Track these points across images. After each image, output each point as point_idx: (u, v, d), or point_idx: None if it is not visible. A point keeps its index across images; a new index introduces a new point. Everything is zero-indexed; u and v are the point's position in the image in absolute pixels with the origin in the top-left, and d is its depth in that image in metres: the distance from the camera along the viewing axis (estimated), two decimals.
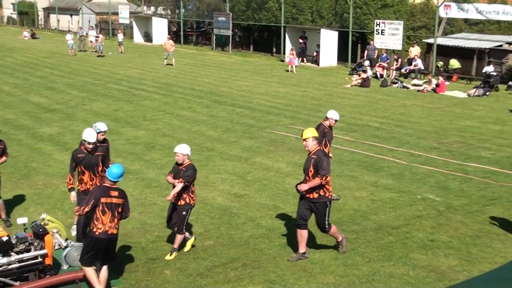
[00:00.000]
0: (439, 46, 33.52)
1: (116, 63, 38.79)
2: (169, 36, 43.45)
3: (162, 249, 10.53)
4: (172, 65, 37.15)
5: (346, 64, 37.93)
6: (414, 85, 30.35)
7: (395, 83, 30.61)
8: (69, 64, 37.88)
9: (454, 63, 32.65)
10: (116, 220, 8.81)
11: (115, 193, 8.80)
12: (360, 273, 9.71)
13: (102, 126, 11.14)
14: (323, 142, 12.93)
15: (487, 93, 27.65)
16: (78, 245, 9.63)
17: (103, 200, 8.71)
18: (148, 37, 54.59)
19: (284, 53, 40.44)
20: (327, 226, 10.13)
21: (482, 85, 28.41)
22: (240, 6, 46.80)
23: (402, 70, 33.53)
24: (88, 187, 10.34)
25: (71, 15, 70.78)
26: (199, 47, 51.20)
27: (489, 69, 30.17)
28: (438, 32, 34.88)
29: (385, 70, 33.06)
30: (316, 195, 9.93)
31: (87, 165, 10.34)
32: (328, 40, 38.04)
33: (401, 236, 11.22)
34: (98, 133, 10.76)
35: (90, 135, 10.32)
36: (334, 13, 41.48)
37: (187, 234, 10.43)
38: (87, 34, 48.23)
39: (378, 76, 32.53)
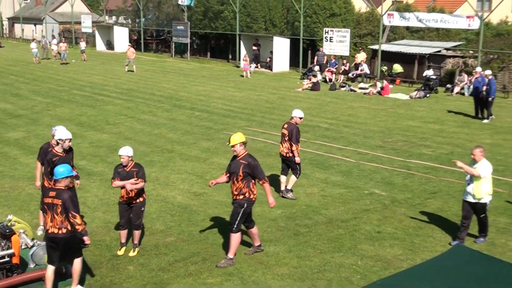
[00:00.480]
0: (383, 52, 33.98)
1: (80, 70, 38.23)
2: (130, 44, 43.07)
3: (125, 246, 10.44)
4: (133, 71, 36.79)
5: (298, 69, 38.16)
6: (361, 88, 30.70)
7: (343, 86, 30.92)
8: (33, 71, 37.19)
9: (397, 67, 33.16)
10: (57, 220, 8.35)
11: (53, 193, 8.46)
12: (312, 264, 9.81)
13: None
14: (298, 138, 12.99)
15: (428, 95, 28.18)
16: (44, 244, 9.49)
17: (44, 200, 8.60)
18: (110, 45, 54.00)
19: (239, 60, 40.46)
20: (234, 227, 9.69)
21: (423, 88, 28.89)
22: (197, 16, 46.66)
23: (350, 75, 33.90)
24: None
25: (35, 25, 69.53)
26: (159, 54, 50.82)
27: (429, 73, 30.68)
28: (382, 39, 35.39)
29: (333, 75, 33.36)
30: (241, 197, 9.72)
31: None
32: (281, 47, 38.29)
33: (350, 228, 11.36)
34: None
35: (67, 133, 10.20)
36: (286, 22, 41.68)
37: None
38: (50, 42, 47.47)
39: (327, 80, 32.79)
